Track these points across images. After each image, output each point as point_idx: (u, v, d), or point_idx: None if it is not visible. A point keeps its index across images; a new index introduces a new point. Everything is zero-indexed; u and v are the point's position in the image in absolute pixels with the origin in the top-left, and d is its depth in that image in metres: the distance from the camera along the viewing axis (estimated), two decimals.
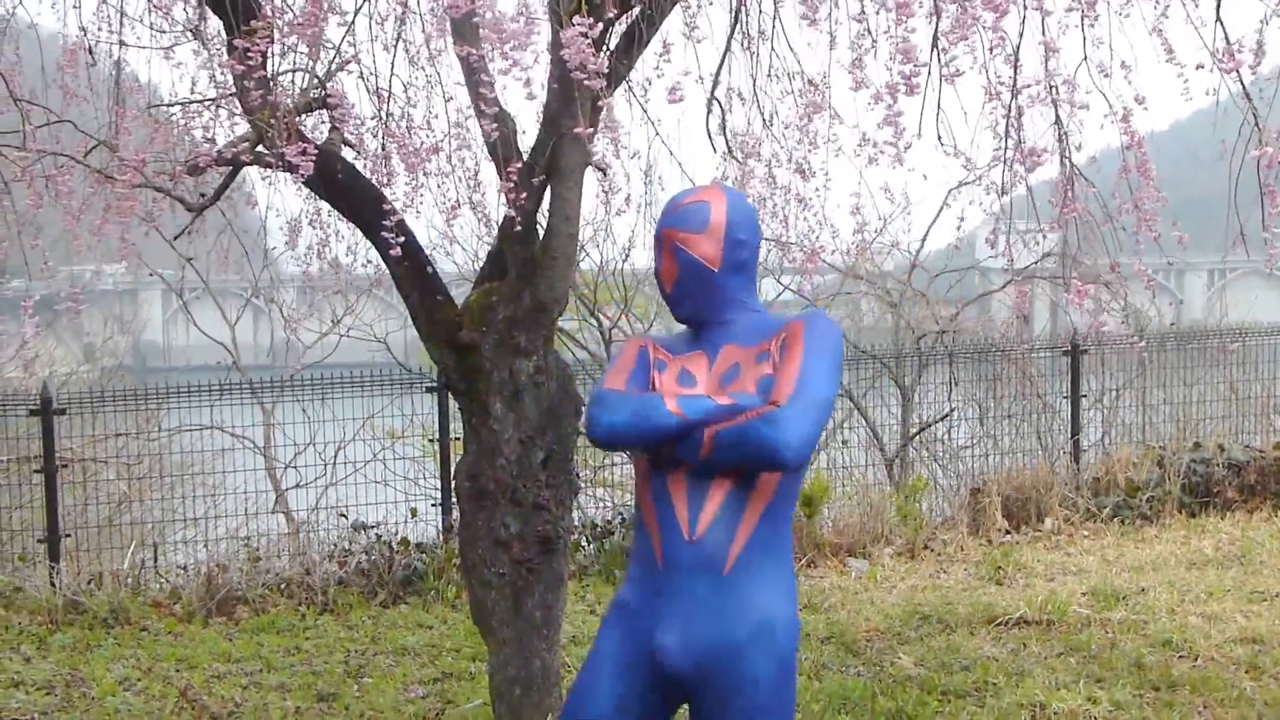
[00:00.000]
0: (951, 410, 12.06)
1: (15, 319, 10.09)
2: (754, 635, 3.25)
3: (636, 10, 5.29)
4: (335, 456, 10.49)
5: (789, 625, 3.30)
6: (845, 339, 13.33)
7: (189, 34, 5.93)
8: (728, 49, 6.06)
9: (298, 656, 7.76)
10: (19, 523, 9.90)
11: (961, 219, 11.37)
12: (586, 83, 4.27)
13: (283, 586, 8.93)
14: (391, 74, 5.52)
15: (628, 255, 11.74)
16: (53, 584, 8.76)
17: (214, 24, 5.93)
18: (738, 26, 5.98)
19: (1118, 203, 5.54)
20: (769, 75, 6.04)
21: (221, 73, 6.06)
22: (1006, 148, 5.49)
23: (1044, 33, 4.94)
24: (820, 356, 3.26)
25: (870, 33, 4.81)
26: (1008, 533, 10.36)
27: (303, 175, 4.98)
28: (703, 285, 3.44)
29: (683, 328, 3.60)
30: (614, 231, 11.62)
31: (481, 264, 6.06)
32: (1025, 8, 4.95)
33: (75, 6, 5.87)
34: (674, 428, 3.25)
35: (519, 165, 5.23)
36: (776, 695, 3.26)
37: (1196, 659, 7.11)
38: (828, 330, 3.33)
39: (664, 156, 15.01)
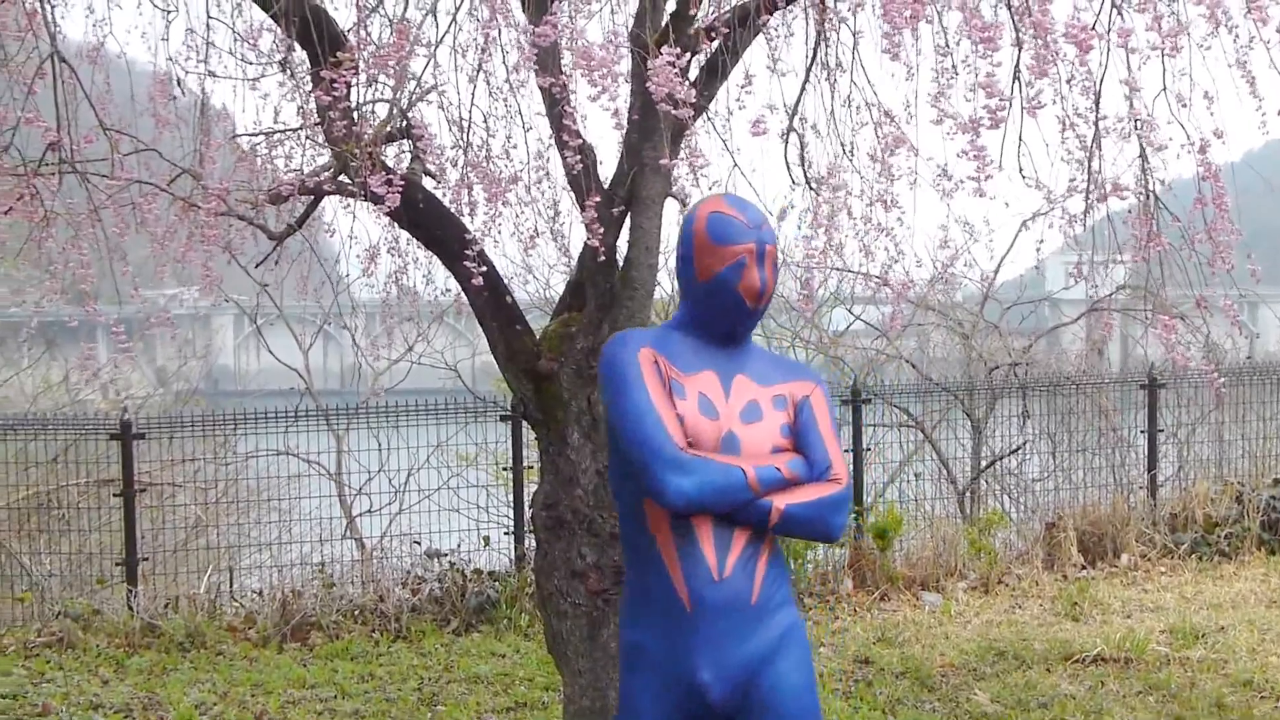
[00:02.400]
0: (1024, 443, 11.95)
1: (97, 342, 10.23)
2: (782, 639, 3.34)
3: (717, 42, 5.30)
4: (406, 483, 10.53)
5: (804, 629, 3.44)
6: (916, 369, 13.31)
7: (276, 65, 6.00)
8: (806, 80, 6.06)
9: (371, 684, 7.79)
10: (95, 545, 10.00)
11: (1041, 241, 11.33)
12: (674, 113, 4.28)
13: (356, 612, 8.98)
14: (472, 104, 5.58)
15: None
16: (130, 607, 8.84)
17: (299, 55, 6.00)
18: (816, 58, 5.98)
19: (1191, 232, 5.48)
20: (846, 106, 6.03)
21: (304, 103, 6.13)
22: (1087, 179, 5.45)
23: (1128, 69, 4.91)
24: (836, 433, 3.47)
25: (954, 67, 4.79)
26: (1083, 568, 10.24)
27: (388, 207, 5.02)
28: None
29: (660, 324, 3.57)
30: None
31: (556, 292, 6.08)
32: (1110, 45, 4.92)
33: (164, 39, 5.95)
34: (748, 504, 3.28)
35: (599, 197, 5.24)
36: (809, 688, 3.38)
37: (1279, 701, 6.99)
38: (831, 407, 3.51)
39: (742, 186, 14.99)
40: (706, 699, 3.30)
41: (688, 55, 4.58)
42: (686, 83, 4.51)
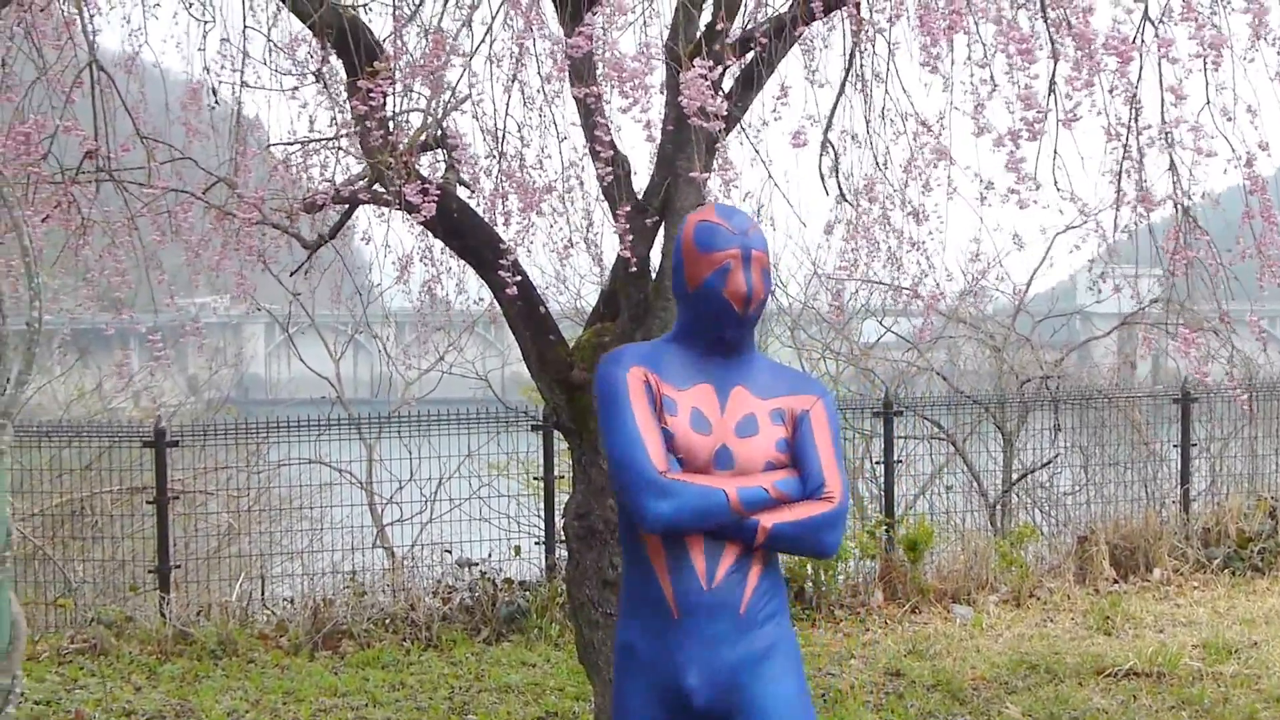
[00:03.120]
0: (1056, 456, 11.90)
1: (130, 350, 10.26)
2: (770, 649, 3.35)
3: (753, 53, 5.30)
4: (436, 492, 10.54)
5: (795, 641, 3.45)
6: (946, 381, 13.28)
7: (312, 75, 6.02)
8: (841, 91, 6.05)
9: (402, 692, 7.80)
10: (128, 552, 10.04)
11: (1075, 249, 11.23)
12: (705, 126, 4.28)
13: (387, 621, 8.99)
14: (506, 114, 5.59)
15: None
16: (162, 614, 8.87)
17: (334, 64, 6.03)
18: (852, 69, 5.97)
19: (1240, 248, 5.45)
20: (881, 118, 6.02)
21: (339, 112, 6.15)
22: (1121, 191, 5.43)
23: (1160, 80, 4.89)
24: (836, 447, 3.41)
25: (991, 78, 4.78)
26: (1115, 582, 10.19)
27: (424, 216, 5.04)
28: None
29: (658, 339, 3.54)
30: None
31: (587, 303, 6.09)
32: (1144, 53, 4.90)
33: (200, 49, 5.98)
34: (732, 523, 3.28)
35: (632, 208, 5.25)
36: (800, 694, 3.39)
37: None
38: (835, 419, 3.46)
39: (776, 198, 14.97)
40: (692, 704, 3.32)
41: (720, 68, 4.58)
42: (718, 95, 4.51)
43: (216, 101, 6.19)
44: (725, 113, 4.71)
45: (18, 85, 5.83)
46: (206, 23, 6.08)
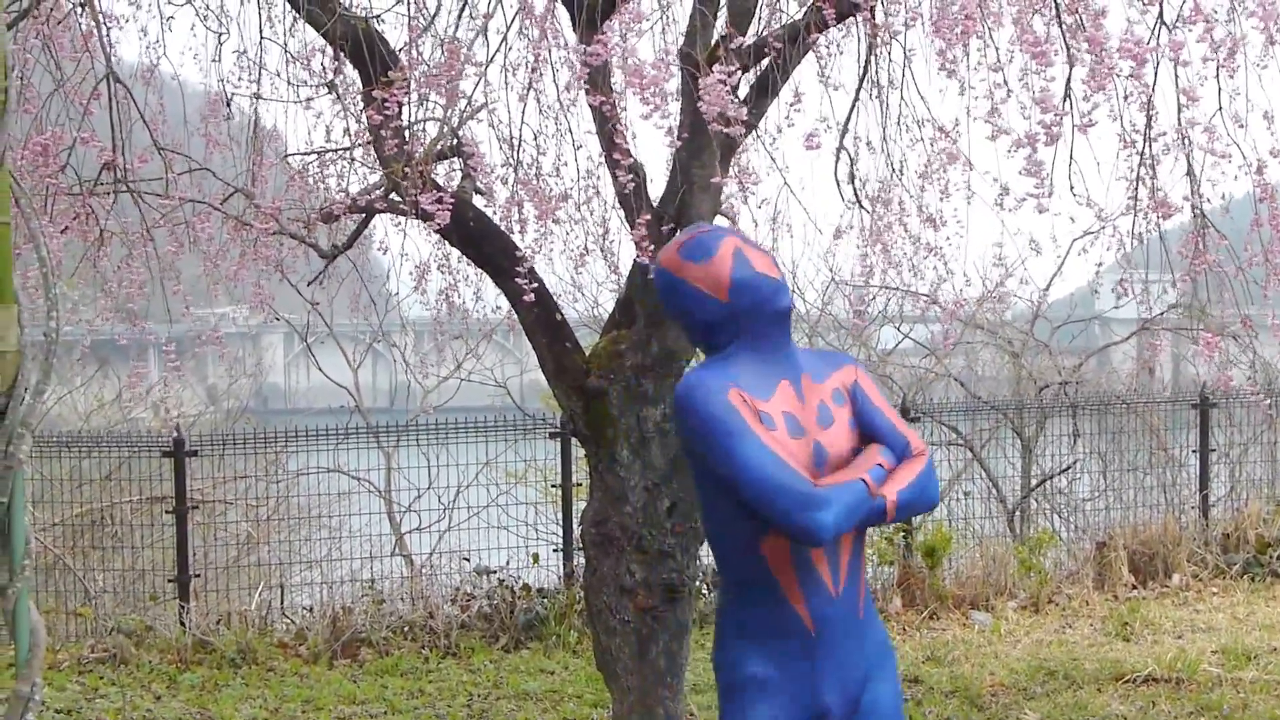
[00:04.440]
0: (1074, 462, 11.87)
1: (148, 361, 10.32)
2: (880, 654, 3.38)
3: (768, 60, 5.31)
4: (454, 500, 10.56)
5: (890, 641, 3.50)
6: (964, 387, 13.27)
7: (326, 87, 6.05)
8: (857, 97, 6.06)
9: (421, 700, 7.81)
10: (147, 562, 10.08)
11: (1084, 251, 11.19)
12: (726, 131, 4.29)
13: (405, 629, 9.01)
14: (522, 122, 5.61)
15: None
16: (182, 623, 8.90)
17: (349, 74, 6.05)
18: (867, 75, 5.97)
19: (1248, 254, 5.45)
20: (897, 124, 6.02)
21: (355, 122, 6.18)
22: (1137, 196, 5.42)
23: (1175, 83, 4.88)
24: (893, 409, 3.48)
25: (1006, 83, 4.78)
26: (1134, 588, 10.16)
27: (438, 224, 5.05)
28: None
29: (711, 363, 3.33)
30: None
31: (603, 310, 6.09)
32: (1160, 58, 4.90)
33: (215, 60, 6.01)
34: (876, 511, 3.25)
35: (649, 215, 5.25)
36: (899, 704, 3.45)
37: None
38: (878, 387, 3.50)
39: (791, 204, 14.97)
40: (830, 719, 3.30)
41: (739, 73, 4.58)
42: (738, 100, 4.52)
43: (230, 115, 6.23)
44: (745, 118, 4.72)
45: (36, 97, 5.86)
46: (222, 34, 6.12)
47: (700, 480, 3.31)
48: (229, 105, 6.25)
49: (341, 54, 5.64)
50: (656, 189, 5.70)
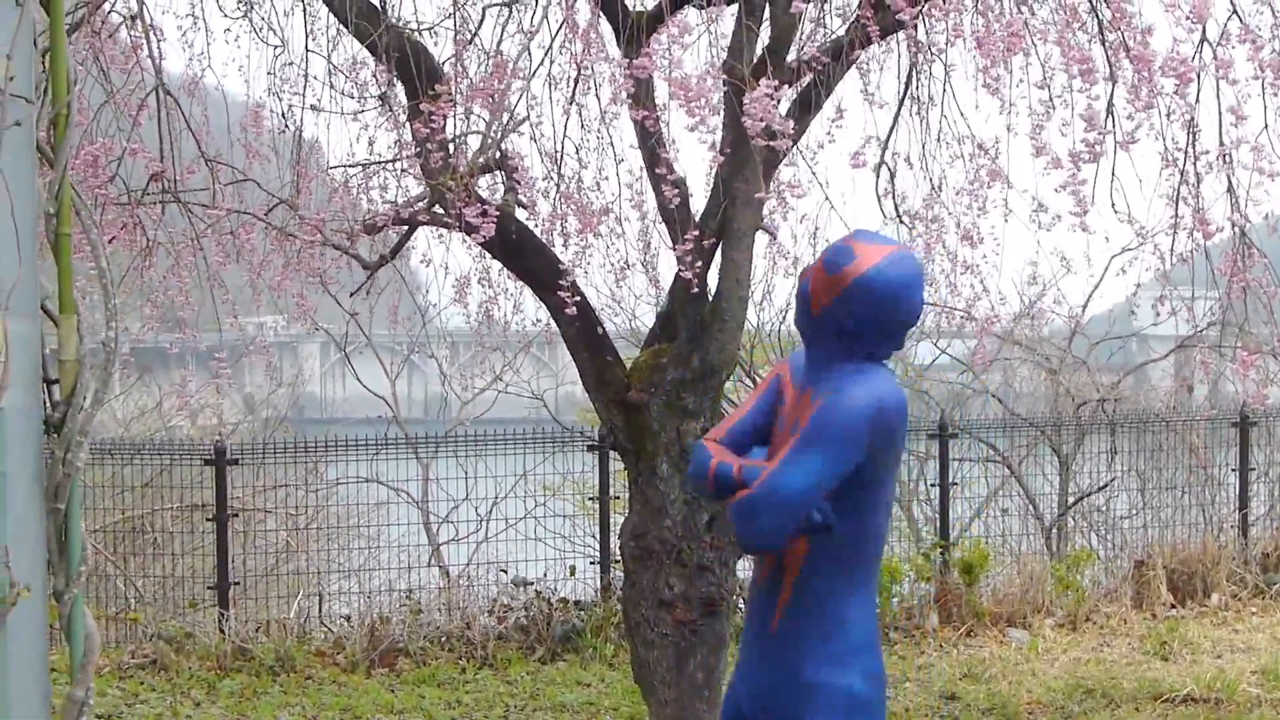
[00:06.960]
0: (1112, 480, 11.82)
1: (190, 368, 10.38)
2: (798, 696, 3.32)
3: (810, 76, 5.32)
4: (491, 512, 10.58)
5: (836, 693, 3.27)
6: (1002, 403, 13.22)
7: (376, 99, 6.09)
8: (898, 114, 6.07)
9: (458, 710, 7.84)
10: (187, 569, 10.15)
11: (1124, 270, 11.14)
12: (771, 145, 4.30)
13: (442, 639, 9.03)
14: (565, 136, 5.64)
15: (784, 317, 11.68)
16: (221, 630, 8.95)
17: (396, 88, 6.10)
18: (909, 92, 5.99)
19: None
20: (938, 141, 6.03)
21: (400, 134, 6.22)
22: (1175, 213, 5.42)
23: (1218, 100, 4.88)
24: (811, 442, 3.13)
25: (1050, 100, 4.78)
26: (1173, 607, 10.10)
27: (483, 237, 5.09)
28: None
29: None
30: (773, 293, 11.61)
31: (643, 324, 6.11)
32: (1203, 75, 4.90)
33: (270, 73, 6.07)
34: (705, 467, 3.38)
35: (695, 231, 5.27)
36: None
37: None
38: (837, 415, 3.13)
39: (833, 219, 14.97)
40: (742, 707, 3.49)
41: (783, 87, 4.60)
42: (782, 115, 4.54)
43: (285, 127, 6.29)
44: (791, 132, 4.74)
45: (86, 109, 5.93)
46: (277, 48, 6.18)
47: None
48: (284, 118, 6.31)
49: (391, 67, 5.68)
50: (698, 204, 5.72)
